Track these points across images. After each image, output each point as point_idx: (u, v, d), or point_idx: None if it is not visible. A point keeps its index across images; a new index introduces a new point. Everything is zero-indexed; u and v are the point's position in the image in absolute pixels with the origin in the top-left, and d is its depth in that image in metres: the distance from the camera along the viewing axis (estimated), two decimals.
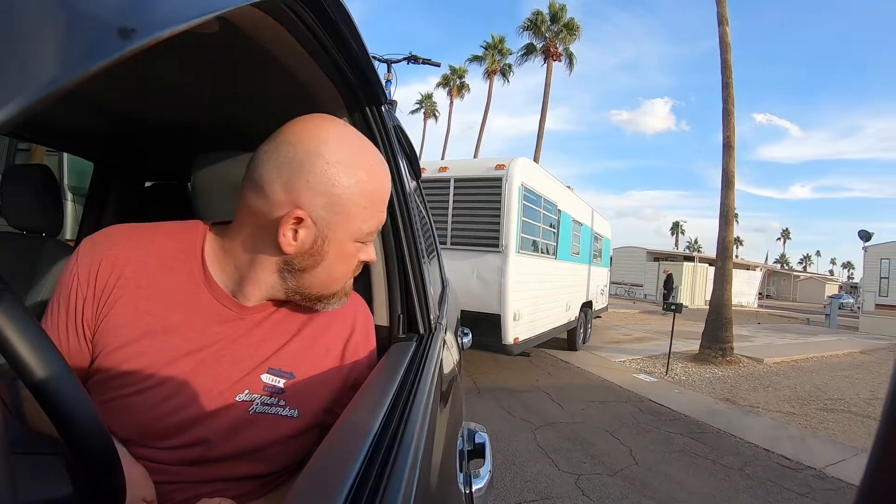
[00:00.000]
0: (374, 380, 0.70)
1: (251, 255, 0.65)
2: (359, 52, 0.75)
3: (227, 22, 0.58)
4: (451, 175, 5.58)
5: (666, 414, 4.86)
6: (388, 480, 0.47)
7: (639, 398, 5.30)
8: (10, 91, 0.17)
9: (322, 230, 0.63)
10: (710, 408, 5.10)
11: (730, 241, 8.30)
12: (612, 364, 7.00)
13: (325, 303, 0.69)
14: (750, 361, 7.86)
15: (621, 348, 8.40)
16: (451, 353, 1.35)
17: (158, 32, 0.25)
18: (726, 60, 8.26)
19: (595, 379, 6.06)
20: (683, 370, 6.87)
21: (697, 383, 6.27)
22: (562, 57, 21.72)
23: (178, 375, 0.62)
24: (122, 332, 0.62)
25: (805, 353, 9.03)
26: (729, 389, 6.01)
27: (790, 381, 6.72)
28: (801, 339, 11.17)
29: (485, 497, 1.02)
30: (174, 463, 0.62)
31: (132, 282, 0.64)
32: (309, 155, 0.60)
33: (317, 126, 0.63)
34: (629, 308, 17.59)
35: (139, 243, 0.67)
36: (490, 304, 5.23)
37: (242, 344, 0.66)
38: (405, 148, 1.46)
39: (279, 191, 0.60)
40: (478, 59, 26.03)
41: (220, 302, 0.66)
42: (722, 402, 5.42)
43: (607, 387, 5.73)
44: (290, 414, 0.66)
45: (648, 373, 6.61)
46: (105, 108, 1.17)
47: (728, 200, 8.18)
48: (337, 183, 0.61)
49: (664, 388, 5.85)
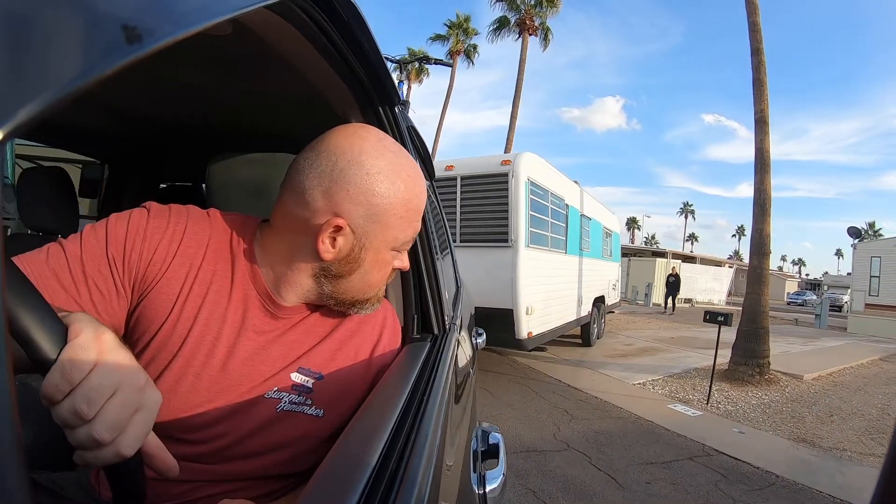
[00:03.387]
0: (389, 380, 0.70)
1: (288, 258, 0.66)
2: (371, 53, 0.76)
3: (240, 24, 0.59)
4: (458, 173, 5.61)
5: (755, 476, 3.64)
6: (402, 480, 0.47)
7: (703, 450, 4.03)
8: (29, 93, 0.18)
9: (360, 238, 0.64)
10: (792, 456, 4.08)
11: (767, 235, 6.72)
12: (633, 389, 5.82)
13: (359, 308, 0.71)
14: (789, 379, 6.68)
15: (631, 364, 7.14)
16: (466, 353, 1.35)
17: (172, 35, 0.25)
18: (755, 23, 6.86)
19: (627, 416, 4.75)
20: (722, 395, 5.72)
21: (750, 415, 5.10)
22: (538, 31, 19.91)
23: (214, 365, 0.63)
24: (164, 308, 0.63)
25: (831, 363, 8.06)
26: (792, 422, 4.94)
27: (847, 404, 5.82)
28: (809, 345, 10.21)
29: (498, 498, 1.02)
30: (198, 459, 0.62)
31: (187, 259, 0.65)
32: (349, 164, 0.61)
33: (357, 135, 0.64)
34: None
35: (201, 225, 0.68)
36: (502, 299, 5.20)
37: (277, 342, 0.67)
38: (419, 149, 1.46)
39: (319, 199, 0.61)
40: (441, 39, 23.76)
41: (261, 297, 0.67)
42: (799, 444, 4.35)
43: (651, 431, 4.40)
44: (317, 413, 0.66)
45: (684, 401, 5.40)
46: (119, 109, 1.19)
47: (764, 186, 6.73)
48: (376, 192, 0.62)
49: (718, 427, 4.67)
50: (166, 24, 0.25)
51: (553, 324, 6.11)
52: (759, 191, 6.81)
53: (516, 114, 18.83)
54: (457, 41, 23.47)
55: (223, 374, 0.63)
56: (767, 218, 6.75)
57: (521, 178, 5.27)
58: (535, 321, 5.45)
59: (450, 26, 23.59)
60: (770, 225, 6.77)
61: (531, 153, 5.65)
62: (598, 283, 8.63)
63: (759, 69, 6.92)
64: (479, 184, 5.52)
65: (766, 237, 6.74)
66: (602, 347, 8.39)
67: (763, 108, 6.84)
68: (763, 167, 6.80)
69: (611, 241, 10.15)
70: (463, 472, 0.80)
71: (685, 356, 7.88)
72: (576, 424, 4.37)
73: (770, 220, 6.77)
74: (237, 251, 0.67)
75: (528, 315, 5.25)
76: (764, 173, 6.78)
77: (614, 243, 10.56)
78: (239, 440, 0.63)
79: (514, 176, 5.26)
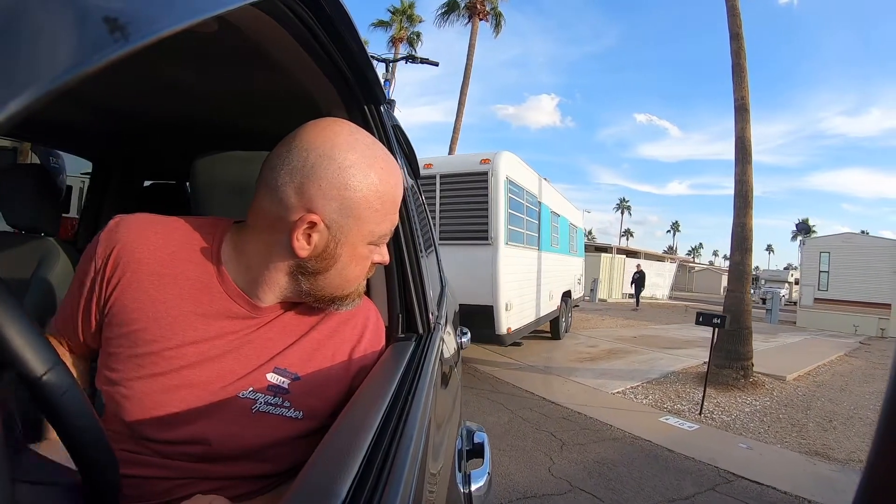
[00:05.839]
0: (373, 379, 0.70)
1: (264, 257, 0.65)
2: (357, 51, 0.76)
3: (226, 21, 0.59)
4: (437, 171, 5.61)
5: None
6: (387, 480, 0.47)
7: (719, 474, 3.53)
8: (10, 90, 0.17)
9: (335, 234, 0.63)
10: (813, 473, 3.71)
11: (750, 229, 6.30)
12: (614, 400, 5.27)
13: (339, 304, 0.69)
14: (772, 381, 6.38)
15: (602, 369, 6.58)
16: (450, 352, 1.34)
17: (158, 31, 0.24)
18: (734, 6, 6.54)
19: (620, 436, 4.16)
20: (711, 402, 5.25)
21: (748, 425, 4.71)
22: (489, 16, 19.03)
23: (183, 366, 0.62)
24: (132, 315, 0.63)
25: (804, 362, 7.91)
26: (796, 432, 4.59)
27: (839, 406, 5.61)
28: (771, 342, 9.97)
29: (484, 497, 1.02)
30: (176, 457, 0.62)
31: (147, 266, 0.65)
32: (321, 159, 0.60)
33: (329, 130, 0.63)
34: None
35: (160, 232, 0.67)
36: (482, 296, 5.24)
37: (250, 341, 0.66)
38: (404, 148, 1.44)
39: (292, 195, 0.60)
40: (384, 25, 22.38)
41: (231, 298, 0.66)
42: (813, 458, 4.00)
43: (654, 454, 3.81)
44: (295, 415, 0.65)
45: (674, 413, 4.89)
46: (103, 107, 1.18)
47: (746, 177, 6.29)
48: (349, 186, 0.61)
49: (721, 442, 4.22)
50: (152, 20, 0.24)
51: (529, 319, 6.24)
52: (741, 182, 6.35)
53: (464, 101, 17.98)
54: (400, 28, 22.27)
55: (194, 373, 0.62)
56: (749, 210, 6.31)
57: (501, 177, 5.33)
58: (514, 317, 5.53)
59: (393, 12, 22.35)
60: (752, 218, 6.34)
61: (509, 152, 5.70)
62: (566, 278, 8.75)
63: (738, 54, 6.54)
64: (459, 182, 5.55)
65: (748, 231, 6.29)
66: (566, 350, 7.88)
67: (744, 95, 6.44)
68: (744, 157, 6.37)
69: (576, 237, 10.32)
70: (448, 471, 0.81)
71: (656, 358, 7.57)
72: (569, 452, 3.71)
73: (752, 212, 6.33)
74: (203, 254, 0.67)
75: (507, 311, 5.32)
76: (745, 163, 6.35)
77: (579, 238, 10.75)
78: (216, 440, 0.62)
79: (494, 175, 5.32)
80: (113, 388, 0.61)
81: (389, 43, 22.28)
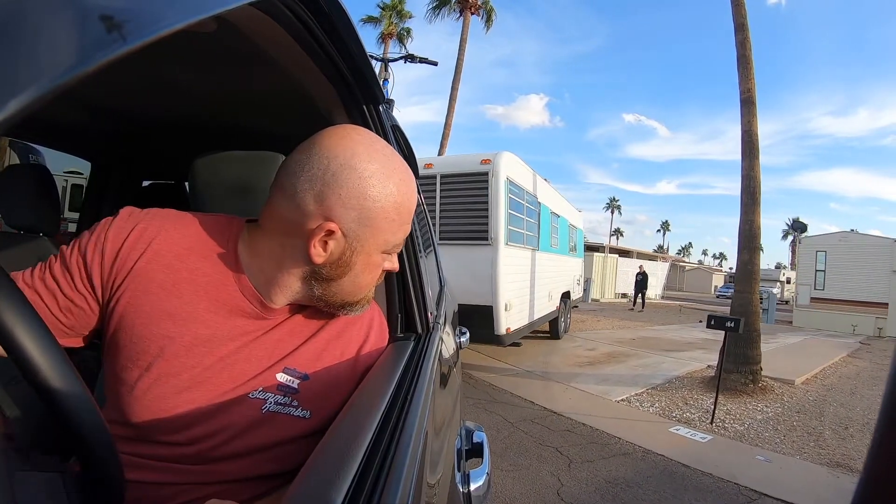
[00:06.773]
0: (372, 379, 0.70)
1: (278, 260, 0.65)
2: (356, 51, 0.75)
3: (224, 21, 0.58)
4: (437, 171, 5.61)
5: None
6: (386, 480, 0.47)
7: (740, 491, 3.25)
8: (10, 90, 0.17)
9: (352, 242, 0.63)
10: (839, 488, 3.44)
11: (758, 226, 5.98)
12: (619, 409, 4.93)
13: (349, 310, 0.70)
14: (781, 385, 6.09)
15: (603, 374, 6.31)
16: (449, 351, 1.34)
17: (158, 31, 0.24)
18: None
19: (631, 450, 3.84)
20: (721, 410, 4.90)
21: (763, 434, 4.40)
22: (480, 10, 18.78)
23: (195, 365, 0.62)
24: (144, 309, 0.62)
25: (810, 364, 7.66)
26: (813, 441, 4.32)
27: (852, 412, 5.36)
28: (771, 343, 9.43)
29: (483, 496, 1.02)
30: (182, 461, 0.61)
31: (162, 258, 0.64)
32: (342, 168, 0.60)
33: (348, 138, 0.63)
34: None
35: (178, 225, 0.67)
36: (482, 295, 5.25)
37: (262, 342, 0.66)
38: (403, 148, 1.43)
39: (311, 202, 0.60)
40: (373, 21, 21.92)
41: (246, 298, 0.65)
42: (836, 470, 3.75)
43: (670, 471, 3.51)
44: (303, 415, 0.66)
45: (684, 422, 4.58)
46: (102, 107, 1.18)
47: (754, 172, 5.99)
48: (369, 196, 0.61)
49: (738, 455, 3.93)
50: (151, 20, 0.24)
51: (528, 319, 6.26)
52: (748, 178, 6.05)
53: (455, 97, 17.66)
54: (389, 24, 21.88)
55: (205, 373, 0.62)
56: (757, 208, 6.00)
57: (501, 177, 5.33)
58: (514, 317, 5.52)
59: (383, 8, 22.00)
60: (760, 215, 6.03)
61: (509, 152, 5.69)
62: (566, 279, 8.76)
63: (743, 45, 6.25)
64: (459, 182, 5.54)
65: (756, 229, 5.98)
66: (564, 354, 7.60)
67: (750, 88, 6.17)
68: (752, 152, 6.07)
69: (576, 237, 10.33)
70: (447, 471, 0.81)
71: (658, 362, 7.31)
72: (578, 471, 3.38)
73: (760, 209, 6.03)
74: (220, 251, 0.66)
75: (506, 311, 5.33)
76: (753, 158, 6.05)
77: (578, 239, 10.74)
78: (224, 441, 0.62)
79: (494, 175, 5.32)
80: (122, 388, 0.61)
81: (379, 39, 21.87)
